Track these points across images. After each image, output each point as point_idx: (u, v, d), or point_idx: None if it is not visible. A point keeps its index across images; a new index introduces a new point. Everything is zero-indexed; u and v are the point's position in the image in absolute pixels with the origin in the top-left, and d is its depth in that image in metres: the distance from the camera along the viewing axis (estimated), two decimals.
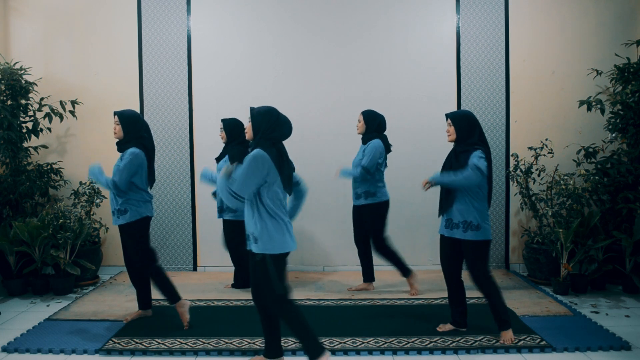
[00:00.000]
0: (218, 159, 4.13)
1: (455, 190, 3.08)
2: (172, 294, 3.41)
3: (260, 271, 2.61)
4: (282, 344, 3.00)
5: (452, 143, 3.19)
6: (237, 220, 4.05)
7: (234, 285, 4.35)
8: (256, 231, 2.58)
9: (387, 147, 4.04)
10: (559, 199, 4.40)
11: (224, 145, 4.17)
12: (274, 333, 2.78)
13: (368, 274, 4.26)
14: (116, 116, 3.38)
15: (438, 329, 3.30)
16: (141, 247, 3.39)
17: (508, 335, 3.12)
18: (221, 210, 4.13)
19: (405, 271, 4.13)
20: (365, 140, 4.03)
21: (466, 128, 3.08)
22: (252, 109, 2.68)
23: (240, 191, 2.53)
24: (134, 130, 3.36)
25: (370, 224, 4.02)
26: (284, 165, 2.64)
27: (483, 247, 3.09)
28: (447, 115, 3.16)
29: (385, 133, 4.08)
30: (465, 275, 3.20)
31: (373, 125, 4.00)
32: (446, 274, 3.26)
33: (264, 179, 2.55)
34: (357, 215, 4.13)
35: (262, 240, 2.57)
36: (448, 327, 3.30)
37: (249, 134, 2.68)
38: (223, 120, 4.10)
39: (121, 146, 3.39)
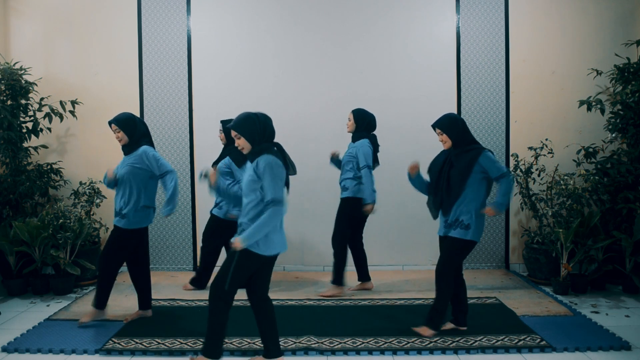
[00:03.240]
0: (216, 163, 4.09)
1: (461, 191, 3.07)
2: (102, 300, 3.46)
3: (227, 260, 2.64)
4: (282, 344, 3.01)
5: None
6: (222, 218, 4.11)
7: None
8: (248, 226, 2.60)
9: (376, 146, 4.04)
10: (559, 199, 4.40)
11: (223, 146, 4.16)
12: (270, 332, 2.78)
13: (364, 274, 4.26)
14: (114, 125, 3.37)
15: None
16: (117, 255, 3.41)
17: (428, 332, 3.16)
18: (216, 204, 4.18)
19: (339, 281, 4.07)
20: (354, 139, 4.05)
21: (460, 130, 3.08)
22: (231, 126, 2.66)
23: (277, 196, 2.55)
24: (136, 130, 3.40)
25: (336, 218, 4.06)
26: (287, 165, 2.71)
27: (465, 246, 3.09)
28: (435, 126, 3.14)
29: (375, 132, 4.10)
30: (466, 275, 3.20)
31: (362, 124, 4.02)
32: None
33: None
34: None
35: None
36: (449, 326, 3.30)
37: (246, 147, 2.67)
38: (223, 122, 4.08)
39: (130, 147, 3.39)
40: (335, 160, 4.24)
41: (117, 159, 3.62)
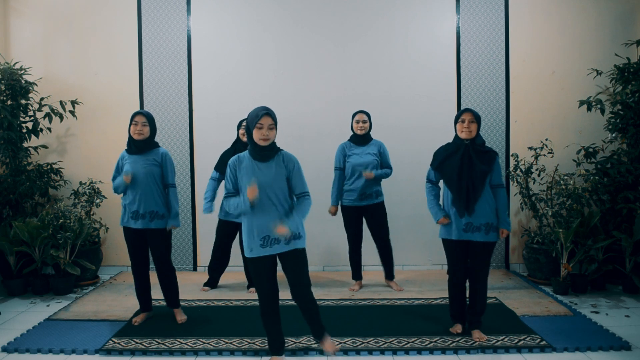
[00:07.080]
0: (222, 164, 4.04)
1: (483, 190, 3.04)
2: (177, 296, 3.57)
3: (301, 265, 2.76)
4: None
5: (454, 139, 3.16)
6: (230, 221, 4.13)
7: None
8: (299, 229, 2.70)
9: None
10: (559, 199, 4.40)
11: (234, 141, 4.10)
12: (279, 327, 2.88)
13: (359, 273, 4.32)
14: (142, 117, 3.31)
15: (451, 330, 3.26)
16: (170, 247, 3.51)
17: (479, 334, 3.15)
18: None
19: (390, 274, 4.26)
20: (366, 141, 4.10)
21: (479, 129, 3.11)
22: (272, 114, 2.65)
23: (307, 188, 2.78)
24: (155, 126, 3.44)
25: (383, 221, 4.15)
26: None
27: (494, 247, 3.19)
28: (471, 111, 3.03)
29: (370, 133, 4.19)
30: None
31: (371, 125, 4.16)
32: (463, 279, 3.20)
33: None
34: (363, 216, 4.17)
35: (303, 235, 2.73)
36: (458, 328, 3.26)
37: (271, 139, 2.66)
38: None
39: (145, 145, 3.37)
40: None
41: (116, 158, 3.61)
